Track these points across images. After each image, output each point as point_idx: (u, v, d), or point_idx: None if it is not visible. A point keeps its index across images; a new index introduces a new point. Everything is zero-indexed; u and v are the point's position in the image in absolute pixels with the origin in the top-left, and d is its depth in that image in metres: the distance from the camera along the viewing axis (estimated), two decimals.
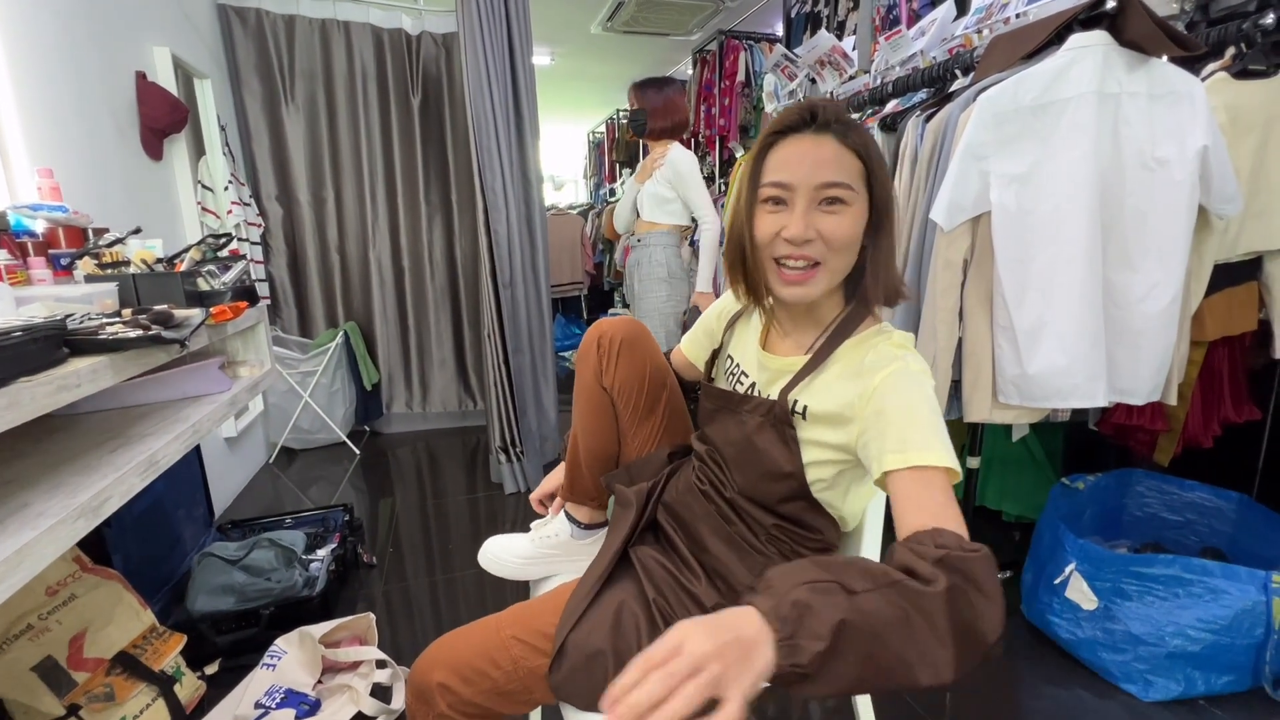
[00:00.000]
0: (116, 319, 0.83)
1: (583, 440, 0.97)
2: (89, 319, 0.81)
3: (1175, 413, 1.54)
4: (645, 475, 0.95)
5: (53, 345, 0.70)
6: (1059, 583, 1.43)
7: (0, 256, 1.05)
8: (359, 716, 1.25)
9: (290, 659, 1.32)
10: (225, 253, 1.42)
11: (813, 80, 2.35)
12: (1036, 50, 1.35)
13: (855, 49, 2.22)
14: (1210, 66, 1.35)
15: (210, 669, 1.42)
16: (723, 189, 3.51)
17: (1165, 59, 1.28)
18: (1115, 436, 1.63)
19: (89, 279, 1.04)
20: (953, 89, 1.68)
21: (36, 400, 0.64)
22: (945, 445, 0.62)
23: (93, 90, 1.71)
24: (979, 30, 1.71)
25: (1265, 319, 1.41)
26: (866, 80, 2.10)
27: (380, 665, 1.36)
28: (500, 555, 1.01)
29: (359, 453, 2.91)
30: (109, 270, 1.07)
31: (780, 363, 0.80)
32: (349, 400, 2.97)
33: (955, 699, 1.35)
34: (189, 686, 1.29)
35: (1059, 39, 1.30)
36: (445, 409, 3.23)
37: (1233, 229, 1.35)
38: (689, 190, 2.21)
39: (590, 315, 5.80)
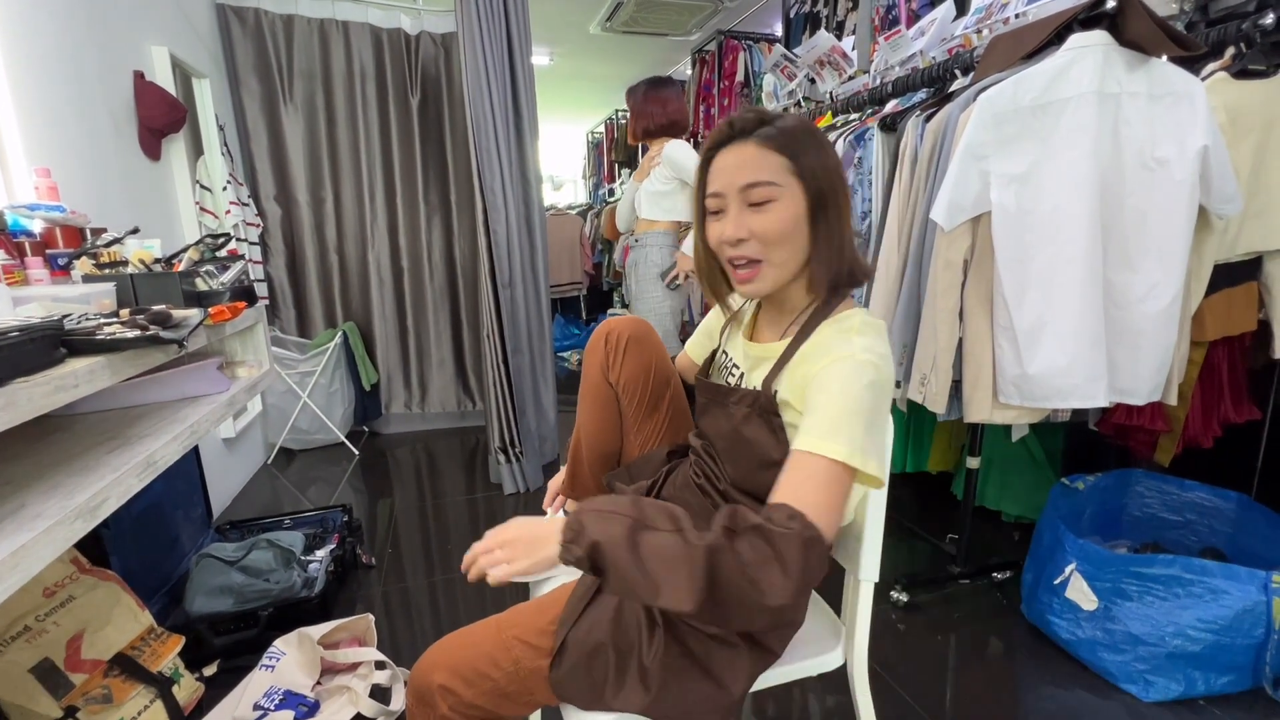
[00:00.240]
0: (114, 319, 0.83)
1: (586, 436, 0.99)
2: (86, 319, 0.80)
3: (1175, 413, 1.54)
4: (645, 474, 0.96)
5: (50, 345, 0.70)
6: (1059, 583, 1.43)
7: None
8: (358, 718, 1.25)
9: (289, 660, 1.32)
10: (223, 253, 1.42)
11: (812, 80, 2.35)
12: (1036, 50, 1.35)
13: (855, 49, 2.22)
14: (1210, 66, 1.35)
15: (209, 670, 1.41)
16: None
17: (1165, 59, 1.28)
18: (1115, 436, 1.63)
19: (87, 279, 1.04)
20: (952, 89, 1.68)
21: (34, 401, 0.64)
22: (851, 439, 0.65)
23: (91, 89, 1.71)
24: (978, 30, 1.71)
25: (1265, 319, 1.41)
26: (866, 80, 2.10)
27: (379, 666, 1.36)
28: None
29: (358, 453, 2.91)
30: (107, 270, 1.06)
31: (760, 349, 0.83)
32: (348, 401, 2.96)
33: (955, 699, 1.35)
34: (187, 688, 1.29)
35: (1059, 39, 1.30)
36: (444, 409, 3.23)
37: (1232, 229, 1.35)
38: (688, 174, 2.23)
39: (589, 315, 5.80)
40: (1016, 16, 1.60)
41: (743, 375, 0.85)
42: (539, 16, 2.96)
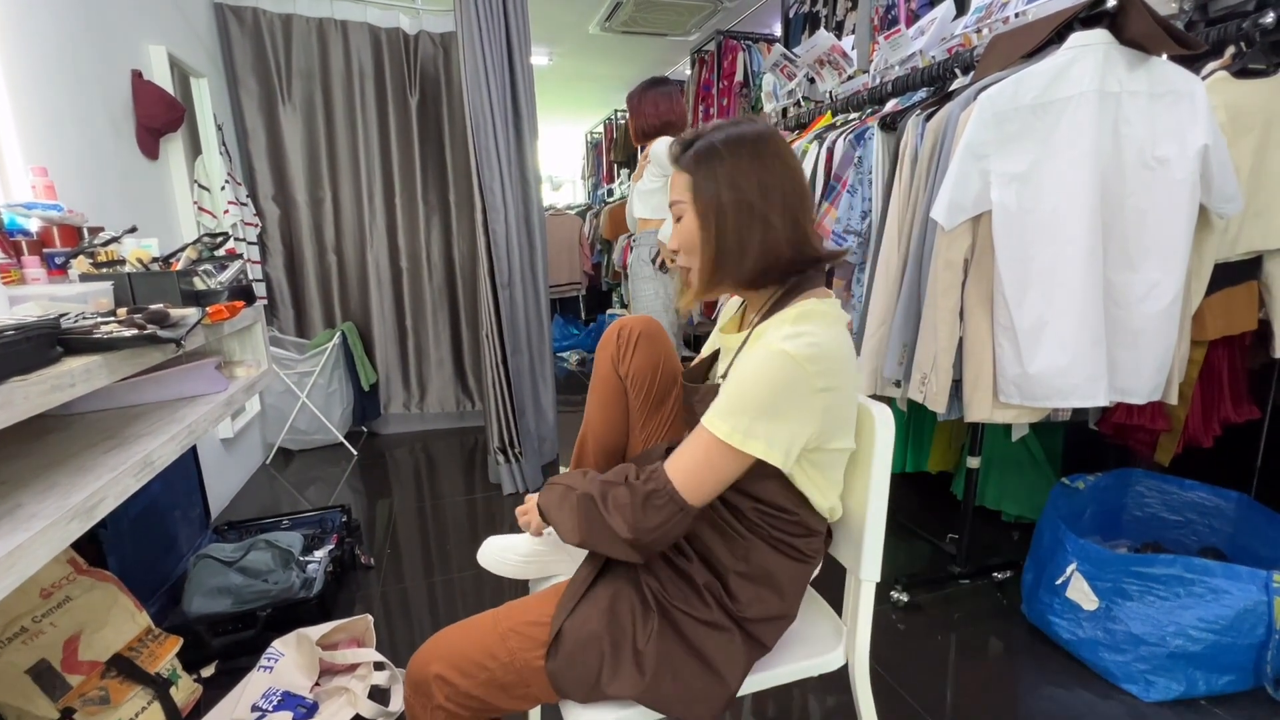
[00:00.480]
0: (111, 318, 0.82)
1: (593, 428, 1.03)
2: (83, 318, 0.80)
3: (1176, 412, 1.54)
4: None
5: (46, 344, 0.70)
6: (1060, 583, 1.43)
7: None
8: (357, 719, 1.24)
9: (287, 661, 1.31)
10: (222, 252, 1.41)
11: (811, 80, 2.35)
12: (1037, 49, 1.35)
13: (854, 48, 2.22)
14: (1210, 65, 1.35)
15: (207, 671, 1.41)
16: None
17: (1165, 58, 1.28)
18: (1115, 436, 1.63)
19: (84, 278, 1.04)
20: (952, 88, 1.68)
21: (30, 400, 0.63)
22: (736, 422, 0.71)
23: (88, 88, 1.70)
24: (978, 29, 1.71)
25: (1265, 318, 1.41)
26: (866, 80, 2.10)
27: (378, 667, 1.35)
28: (500, 554, 1.01)
29: (356, 454, 2.90)
30: (104, 269, 1.06)
31: (730, 340, 0.88)
32: (346, 401, 2.96)
33: (956, 699, 1.35)
34: (185, 689, 1.29)
35: (1059, 38, 1.30)
36: (443, 410, 3.23)
37: (1232, 228, 1.35)
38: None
39: (588, 316, 5.80)
40: (1016, 16, 1.60)
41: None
42: (538, 16, 2.95)
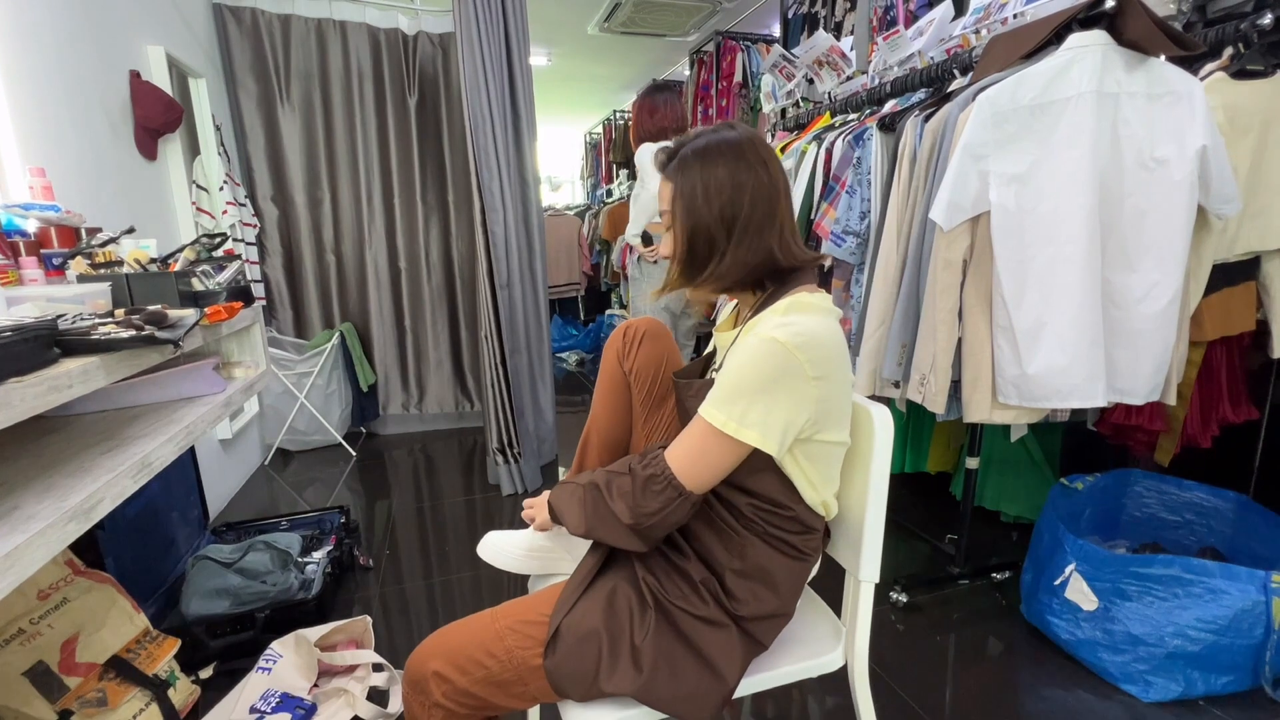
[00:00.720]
0: (109, 319, 0.82)
1: (597, 423, 1.04)
2: (81, 319, 0.80)
3: (1174, 413, 1.54)
4: None
5: (44, 345, 0.69)
6: (1059, 583, 1.43)
7: None
8: None
9: (286, 663, 1.31)
10: (220, 253, 1.41)
11: (810, 80, 2.35)
12: (1035, 50, 1.35)
13: (853, 49, 2.22)
14: (1208, 67, 1.35)
15: (205, 673, 1.40)
16: None
17: (1164, 59, 1.28)
18: (1114, 436, 1.63)
19: (81, 279, 1.03)
20: (951, 89, 1.68)
21: (27, 401, 0.63)
22: (731, 409, 0.73)
23: (86, 89, 1.70)
24: (977, 30, 1.71)
25: (1263, 319, 1.42)
26: (864, 80, 2.10)
27: (377, 668, 1.35)
28: (500, 547, 1.01)
29: (355, 454, 2.90)
30: (102, 270, 1.05)
31: (724, 337, 0.89)
32: (345, 402, 2.95)
33: (955, 699, 1.35)
34: (183, 691, 1.28)
35: (1058, 39, 1.30)
36: (442, 410, 3.22)
37: (1231, 229, 1.35)
38: (648, 175, 2.35)
39: (587, 316, 5.79)
40: (1015, 16, 1.60)
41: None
42: (537, 17, 2.95)
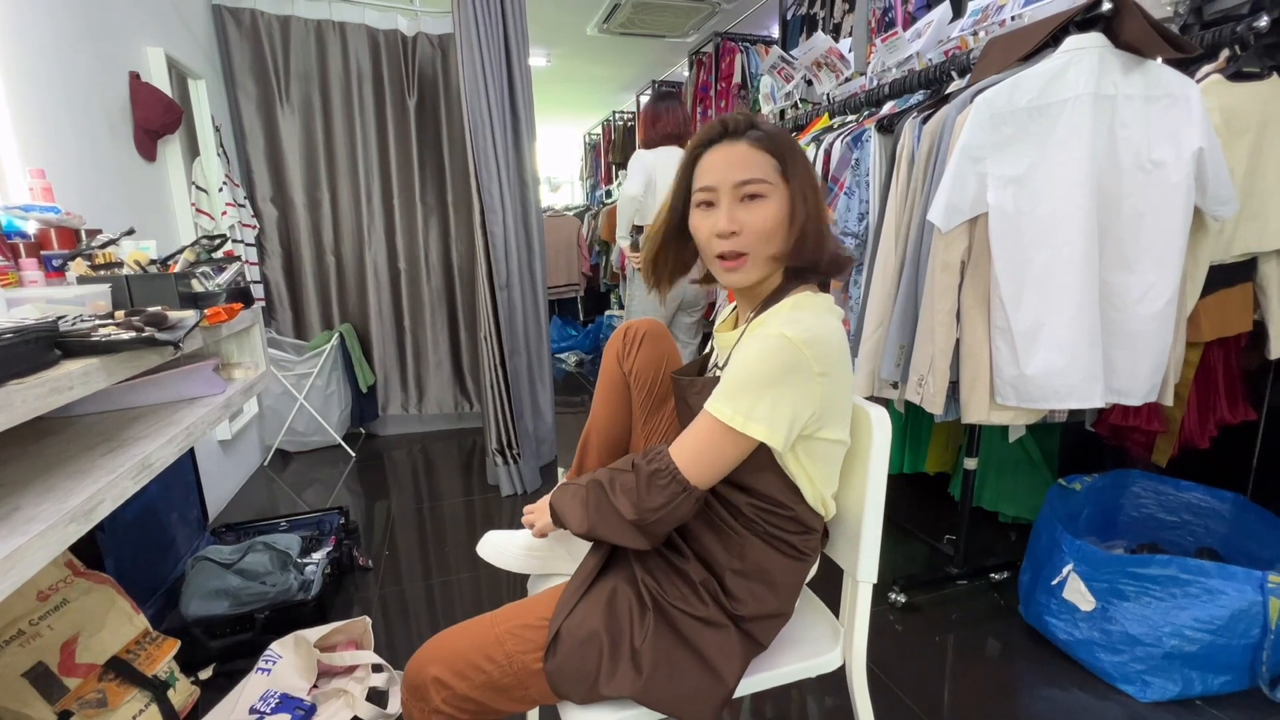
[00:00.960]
0: (109, 321, 0.82)
1: (597, 423, 1.04)
2: (81, 321, 0.80)
3: (1172, 413, 1.55)
4: None
5: (44, 347, 0.70)
6: (1056, 584, 1.44)
7: None
8: None
9: (285, 663, 1.31)
10: (220, 254, 1.41)
11: (809, 82, 2.36)
12: (1033, 52, 1.35)
13: (851, 51, 2.22)
14: (1205, 69, 1.35)
15: (204, 674, 1.40)
16: None
17: (1160, 61, 1.28)
18: (1111, 437, 1.64)
19: (81, 280, 1.03)
20: (949, 91, 1.68)
21: (29, 403, 0.63)
22: (738, 404, 0.72)
23: (86, 90, 1.70)
24: (975, 32, 1.71)
25: (1260, 320, 1.42)
26: (863, 82, 2.11)
27: (376, 669, 1.35)
28: (500, 546, 1.01)
29: (354, 455, 2.90)
30: (102, 272, 1.06)
31: (725, 337, 0.89)
32: (344, 403, 2.95)
33: (953, 700, 1.35)
34: (183, 692, 1.28)
35: (1055, 41, 1.31)
36: (441, 411, 3.22)
37: (1227, 230, 1.36)
38: (627, 182, 2.46)
39: (587, 317, 5.79)
40: (1013, 19, 1.61)
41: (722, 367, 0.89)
42: (536, 18, 2.96)
